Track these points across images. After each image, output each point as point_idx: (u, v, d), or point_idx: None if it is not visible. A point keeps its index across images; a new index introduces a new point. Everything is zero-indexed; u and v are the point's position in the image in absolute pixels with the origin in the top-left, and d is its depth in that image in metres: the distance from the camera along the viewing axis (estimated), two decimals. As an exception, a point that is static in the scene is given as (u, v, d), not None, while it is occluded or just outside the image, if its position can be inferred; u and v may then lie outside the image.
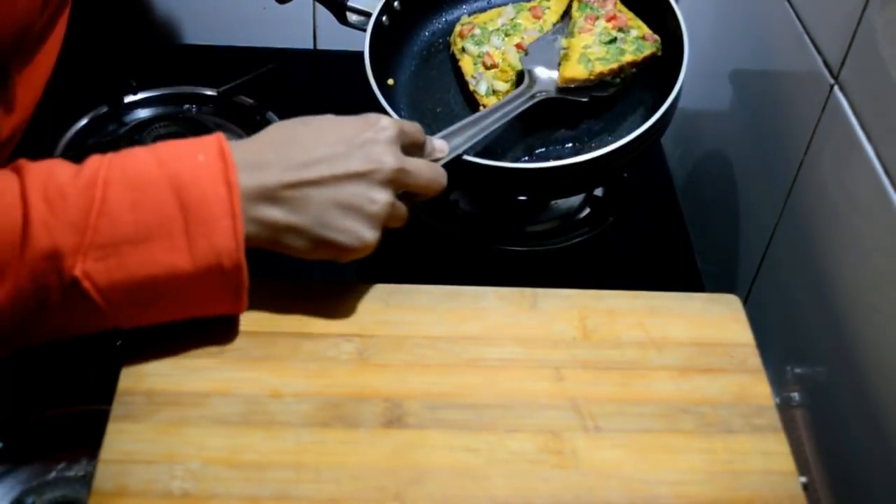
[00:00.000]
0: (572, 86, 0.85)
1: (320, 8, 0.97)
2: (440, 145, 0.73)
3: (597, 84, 0.86)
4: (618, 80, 0.87)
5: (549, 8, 0.94)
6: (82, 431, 0.73)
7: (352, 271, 0.89)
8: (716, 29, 1.02)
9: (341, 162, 0.63)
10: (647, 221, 0.97)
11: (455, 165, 0.75)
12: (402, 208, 0.68)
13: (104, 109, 1.09)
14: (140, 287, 0.58)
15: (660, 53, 0.88)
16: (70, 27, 0.72)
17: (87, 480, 0.58)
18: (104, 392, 0.64)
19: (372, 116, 0.66)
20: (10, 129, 0.68)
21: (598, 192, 0.96)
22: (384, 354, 0.67)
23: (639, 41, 0.87)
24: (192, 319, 0.63)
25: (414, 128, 0.69)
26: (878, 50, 0.66)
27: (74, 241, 0.55)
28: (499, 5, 0.96)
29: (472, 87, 0.90)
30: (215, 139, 0.60)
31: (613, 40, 0.86)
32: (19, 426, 0.74)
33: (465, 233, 0.91)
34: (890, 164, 0.64)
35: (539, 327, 0.70)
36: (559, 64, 0.87)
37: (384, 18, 0.90)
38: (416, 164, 0.68)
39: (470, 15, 0.96)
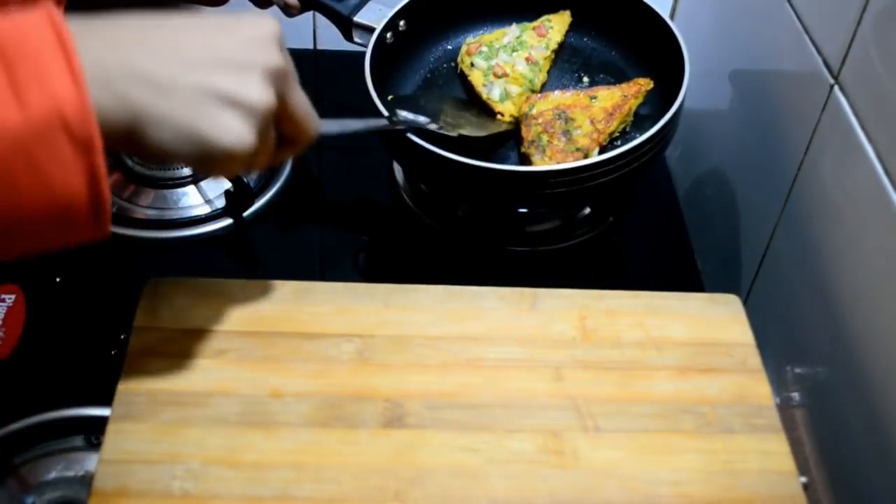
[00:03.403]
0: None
1: (321, 8, 0.97)
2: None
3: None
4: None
5: (552, 27, 0.95)
6: (80, 432, 0.73)
7: (352, 271, 0.89)
8: (716, 29, 1.02)
9: (217, 49, 0.53)
10: (647, 221, 0.97)
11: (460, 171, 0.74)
12: (273, 140, 0.58)
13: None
14: None
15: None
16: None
17: (87, 480, 0.58)
18: (104, 392, 0.64)
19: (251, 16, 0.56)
20: None
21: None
22: (384, 354, 0.67)
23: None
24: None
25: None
26: (878, 50, 0.66)
27: None
28: (501, 28, 0.97)
29: (485, 96, 0.91)
30: (42, 6, 0.48)
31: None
32: (18, 426, 0.74)
33: (465, 233, 0.91)
34: (890, 164, 0.64)
35: (539, 327, 0.70)
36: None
37: (388, 36, 0.90)
38: (296, 86, 0.58)
39: (475, 36, 0.97)
